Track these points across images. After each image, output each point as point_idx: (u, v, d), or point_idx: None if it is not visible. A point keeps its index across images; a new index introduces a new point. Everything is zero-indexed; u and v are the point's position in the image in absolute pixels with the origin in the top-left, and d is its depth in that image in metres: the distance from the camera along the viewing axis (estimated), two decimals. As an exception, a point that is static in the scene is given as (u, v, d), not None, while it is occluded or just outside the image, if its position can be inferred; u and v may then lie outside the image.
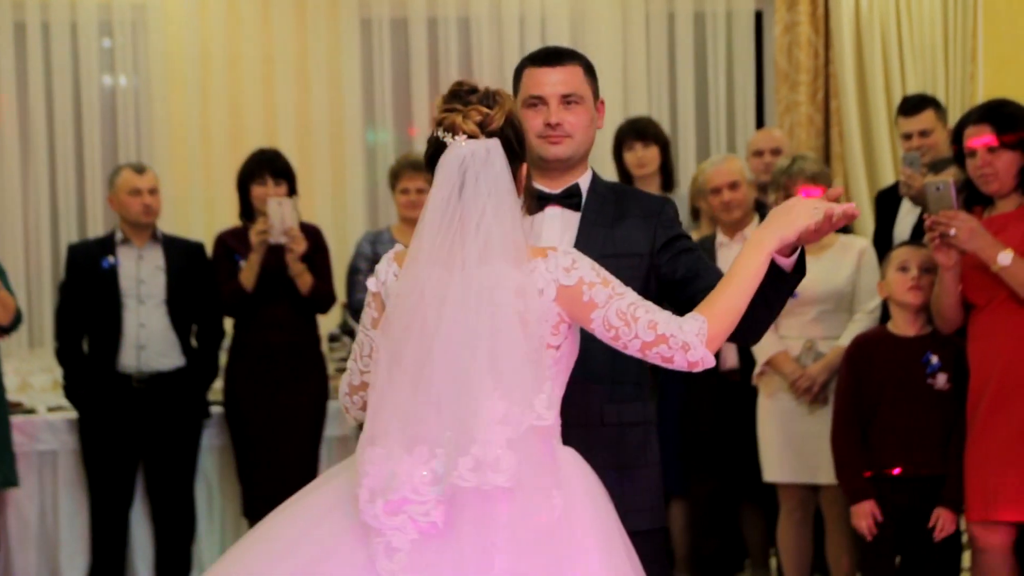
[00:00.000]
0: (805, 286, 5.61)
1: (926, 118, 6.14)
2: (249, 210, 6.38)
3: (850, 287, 5.70)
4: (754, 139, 6.90)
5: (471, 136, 3.00)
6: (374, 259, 6.40)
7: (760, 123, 8.25)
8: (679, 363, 2.97)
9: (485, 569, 2.82)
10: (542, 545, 2.85)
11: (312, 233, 6.35)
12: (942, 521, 5.01)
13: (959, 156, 4.91)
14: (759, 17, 8.31)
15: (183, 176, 7.76)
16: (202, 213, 7.72)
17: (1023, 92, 5.51)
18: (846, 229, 6.14)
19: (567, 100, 3.52)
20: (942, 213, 4.68)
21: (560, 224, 3.52)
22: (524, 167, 3.11)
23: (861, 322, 5.66)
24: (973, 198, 4.90)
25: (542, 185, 3.54)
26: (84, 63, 7.78)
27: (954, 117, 6.84)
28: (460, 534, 2.84)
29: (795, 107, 7.97)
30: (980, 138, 4.78)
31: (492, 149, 2.99)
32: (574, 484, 3.00)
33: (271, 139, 7.52)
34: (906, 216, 6.10)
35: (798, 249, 3.18)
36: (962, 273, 4.81)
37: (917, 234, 5.85)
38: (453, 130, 3.01)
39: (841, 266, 5.68)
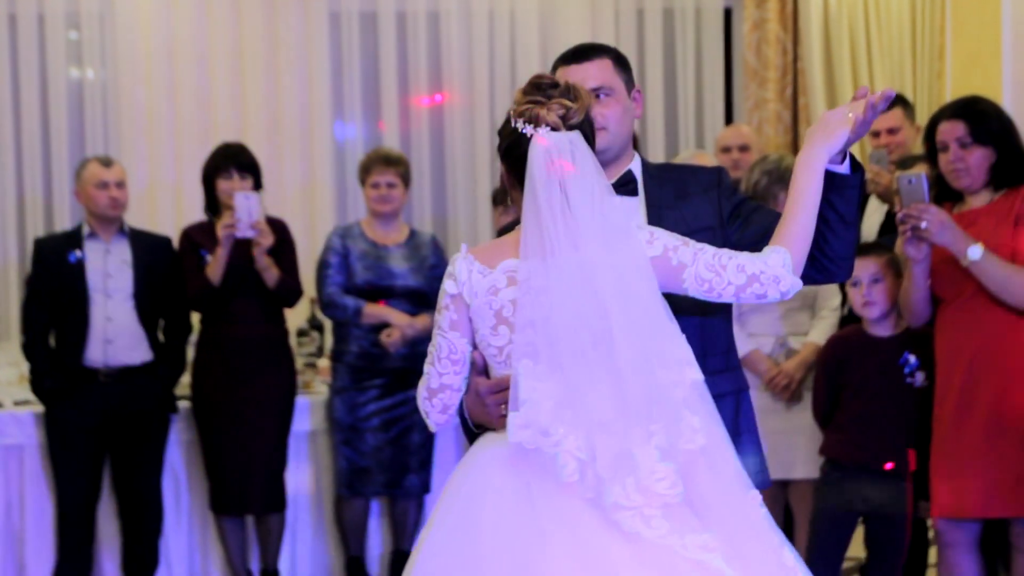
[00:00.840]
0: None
1: (894, 116, 6.17)
2: (215, 205, 6.36)
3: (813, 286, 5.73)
4: (722, 135, 6.92)
5: (554, 128, 3.11)
6: (344, 253, 6.39)
7: (729, 119, 8.27)
8: (772, 295, 3.17)
9: (726, 515, 3.06)
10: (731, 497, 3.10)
11: (278, 227, 6.34)
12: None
13: (931, 151, 4.94)
14: (728, 14, 8.33)
15: (151, 170, 7.73)
16: (170, 207, 7.69)
17: (990, 90, 5.54)
18: None
19: (598, 94, 3.55)
20: (914, 206, 4.70)
21: (623, 212, 3.55)
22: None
23: (828, 319, 5.70)
24: (943, 194, 4.92)
25: None
26: (51, 55, 7.74)
27: (922, 115, 6.87)
28: (703, 490, 3.06)
29: (763, 104, 7.99)
30: (953, 133, 4.81)
31: (575, 140, 3.12)
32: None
33: (240, 133, 7.50)
34: (873, 214, 6.12)
35: (846, 155, 3.31)
36: (931, 267, 4.83)
37: (884, 231, 5.88)
38: (536, 121, 3.11)
39: None
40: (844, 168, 3.31)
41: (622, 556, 2.94)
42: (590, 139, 3.18)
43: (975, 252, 4.67)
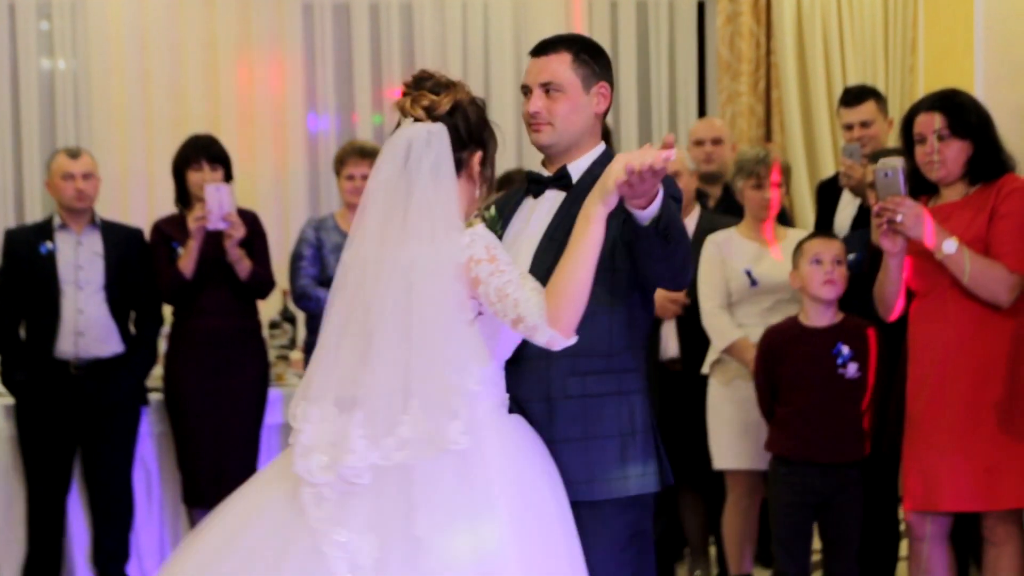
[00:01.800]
0: (762, 276, 5.71)
1: (867, 109, 6.18)
2: (186, 196, 6.34)
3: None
4: (695, 128, 6.92)
5: (418, 120, 3.27)
6: (318, 245, 6.39)
7: (702, 113, 8.28)
8: (539, 342, 3.17)
9: (405, 525, 3.05)
10: (458, 504, 3.09)
11: (250, 218, 6.32)
12: None
13: (908, 143, 4.94)
14: (701, 7, 8.34)
15: (123, 161, 7.70)
16: (142, 198, 7.66)
17: (962, 84, 5.55)
18: (783, 219, 6.18)
19: (547, 88, 3.62)
20: (889, 199, 4.70)
21: (549, 206, 3.65)
22: (479, 154, 3.35)
23: None
24: (919, 187, 4.93)
25: (549, 171, 3.71)
26: (22, 46, 7.70)
27: (894, 109, 6.89)
28: (383, 491, 3.08)
29: (737, 97, 8.00)
30: (931, 125, 4.81)
31: (435, 133, 3.25)
32: (509, 447, 3.27)
33: (212, 124, 7.48)
34: (846, 207, 6.13)
35: (655, 197, 3.25)
36: (905, 260, 4.84)
37: (857, 225, 5.89)
38: (403, 113, 3.28)
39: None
40: (644, 216, 3.27)
41: (272, 526, 3.12)
42: (466, 131, 3.29)
43: (950, 246, 4.67)
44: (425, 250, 3.17)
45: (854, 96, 6.27)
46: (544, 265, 3.48)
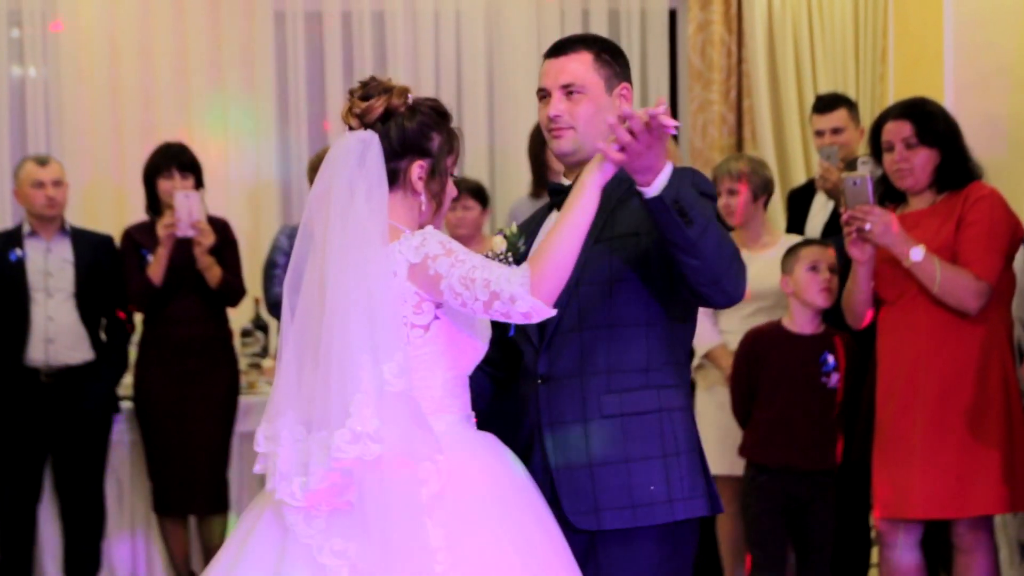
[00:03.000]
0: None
1: (839, 116, 6.21)
2: (156, 204, 6.33)
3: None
4: None
5: (353, 128, 3.18)
6: (291, 254, 6.38)
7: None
8: (515, 317, 2.99)
9: (386, 531, 2.95)
10: (434, 511, 2.99)
11: (220, 226, 6.32)
12: None
13: (876, 151, 4.96)
14: (673, 16, 8.35)
15: (93, 168, 7.66)
16: (113, 206, 7.62)
17: (933, 92, 5.58)
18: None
19: (568, 91, 3.39)
20: (858, 208, 4.72)
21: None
22: (419, 164, 3.18)
23: None
24: (887, 194, 4.95)
25: (569, 180, 3.45)
26: (-8, 53, 7.66)
27: (865, 116, 6.91)
28: (363, 502, 2.97)
29: (708, 105, 8.01)
30: (899, 133, 4.83)
31: (366, 141, 3.14)
32: (473, 465, 3.12)
33: (184, 132, 7.45)
34: (817, 214, 6.16)
35: (661, 171, 3.06)
36: (874, 268, 4.86)
37: (829, 232, 5.91)
38: (344, 121, 3.20)
39: (779, 264, 5.72)
40: (650, 191, 3.06)
41: (266, 543, 3.04)
42: (399, 138, 3.15)
43: (917, 254, 4.69)
44: (352, 261, 3.05)
45: (826, 103, 6.30)
46: (572, 277, 3.29)
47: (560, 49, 3.44)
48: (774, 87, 7.97)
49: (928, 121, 4.84)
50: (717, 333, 5.80)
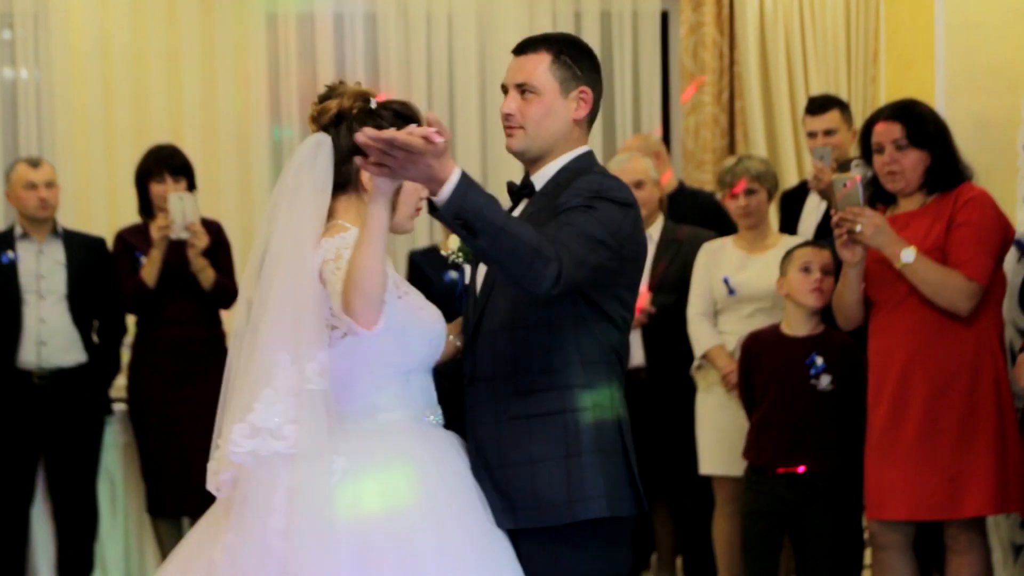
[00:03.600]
0: (741, 285, 5.72)
1: (831, 118, 6.22)
2: (149, 207, 6.33)
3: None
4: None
5: (314, 131, 3.25)
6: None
7: (666, 122, 8.29)
8: (355, 331, 3.03)
9: (260, 528, 3.02)
10: (320, 508, 3.03)
11: (213, 228, 6.31)
12: None
13: (867, 152, 4.97)
14: (665, 17, 8.36)
15: (85, 170, 7.66)
16: (105, 208, 7.62)
17: (924, 94, 5.59)
18: (721, 222, 6.18)
19: (522, 90, 3.40)
20: (848, 210, 4.73)
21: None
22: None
23: None
24: (877, 195, 4.96)
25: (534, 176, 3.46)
26: (-16, 55, 7.66)
27: (857, 118, 6.92)
28: (244, 496, 3.08)
29: (700, 107, 8.02)
30: (890, 135, 4.84)
31: (318, 143, 3.21)
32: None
33: (176, 134, 7.45)
34: (810, 215, 6.17)
35: (446, 182, 2.97)
36: (865, 270, 4.87)
37: (821, 233, 5.92)
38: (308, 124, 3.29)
39: (778, 266, 5.72)
40: (436, 202, 2.99)
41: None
42: (348, 142, 3.16)
43: (908, 255, 4.70)
44: (286, 261, 3.12)
45: (819, 105, 6.31)
46: (491, 279, 3.36)
47: (523, 47, 3.45)
48: (766, 89, 7.98)
49: (918, 122, 4.85)
50: (716, 334, 5.81)
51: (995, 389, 4.77)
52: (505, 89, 3.46)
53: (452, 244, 3.65)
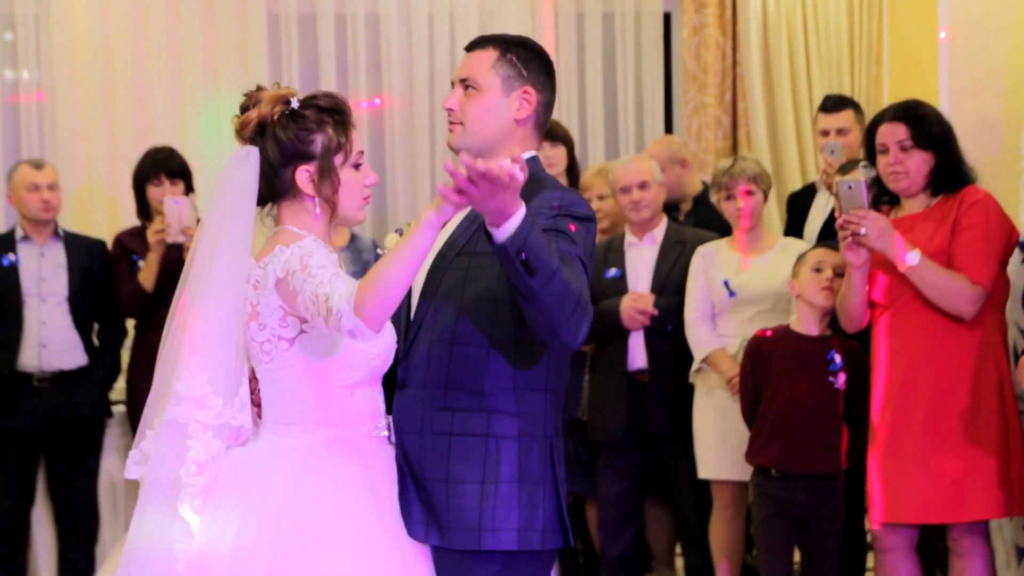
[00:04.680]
0: (741, 287, 5.70)
1: (845, 117, 6.22)
2: (146, 210, 6.32)
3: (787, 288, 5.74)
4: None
5: (241, 144, 3.25)
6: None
7: (668, 123, 8.28)
8: (344, 334, 2.98)
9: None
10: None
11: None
12: None
13: (871, 153, 4.96)
14: (667, 19, 8.34)
15: (87, 172, 7.65)
16: (106, 210, 7.61)
17: (927, 96, 5.58)
18: (717, 226, 6.18)
19: (465, 85, 3.35)
20: (853, 212, 4.72)
21: (455, 222, 3.35)
22: (305, 169, 3.20)
23: None
24: (881, 197, 4.95)
25: None
26: (-15, 57, 7.65)
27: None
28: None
29: (703, 108, 8.01)
30: (894, 136, 4.83)
31: (241, 157, 3.21)
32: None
33: (178, 136, 7.44)
34: (816, 217, 6.16)
35: (511, 216, 2.89)
36: (869, 272, 4.85)
37: (826, 235, 5.91)
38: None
39: (780, 268, 5.71)
40: (498, 235, 2.90)
41: None
42: (276, 148, 3.17)
43: (912, 258, 4.69)
44: (217, 273, 3.14)
45: (834, 103, 6.32)
46: (434, 285, 3.30)
47: (474, 44, 3.42)
48: (769, 90, 7.97)
49: (923, 124, 4.84)
50: (716, 337, 5.79)
51: (999, 392, 4.77)
52: (453, 84, 3.43)
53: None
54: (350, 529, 3.11)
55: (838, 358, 5.19)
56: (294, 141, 3.18)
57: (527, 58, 3.36)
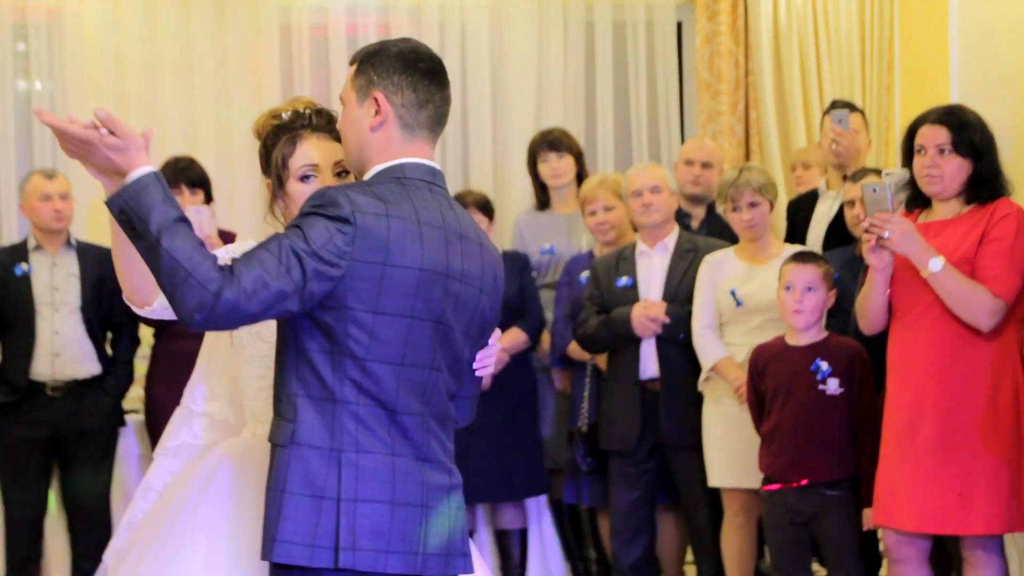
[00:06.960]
0: (748, 296, 5.70)
1: (853, 119, 6.22)
2: (166, 219, 6.31)
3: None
4: (686, 147, 6.86)
5: None
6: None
7: (683, 132, 8.27)
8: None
9: None
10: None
11: (230, 240, 6.31)
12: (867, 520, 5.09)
13: (908, 153, 4.92)
14: (680, 28, 8.34)
15: (98, 182, 7.65)
16: (119, 220, 7.62)
17: (938, 103, 5.56)
18: (723, 233, 6.18)
19: (341, 103, 3.26)
20: (877, 215, 4.70)
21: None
22: (268, 179, 3.39)
23: None
24: (915, 198, 4.92)
25: None
26: (-2, 67, 7.66)
27: (871, 128, 6.92)
28: None
29: (717, 116, 8.01)
30: (934, 138, 4.81)
31: None
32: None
33: (190, 146, 7.45)
34: (818, 223, 6.16)
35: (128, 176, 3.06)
36: (891, 275, 4.83)
37: (829, 241, 5.92)
38: None
39: None
40: (111, 188, 3.16)
41: None
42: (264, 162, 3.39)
43: (936, 264, 4.66)
44: None
45: (842, 105, 6.32)
46: None
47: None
48: (780, 98, 7.97)
49: (964, 130, 4.78)
50: (722, 347, 5.79)
51: (1014, 404, 4.73)
52: None
53: None
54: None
55: (824, 364, 5.19)
56: (261, 155, 3.39)
57: (378, 62, 3.16)
